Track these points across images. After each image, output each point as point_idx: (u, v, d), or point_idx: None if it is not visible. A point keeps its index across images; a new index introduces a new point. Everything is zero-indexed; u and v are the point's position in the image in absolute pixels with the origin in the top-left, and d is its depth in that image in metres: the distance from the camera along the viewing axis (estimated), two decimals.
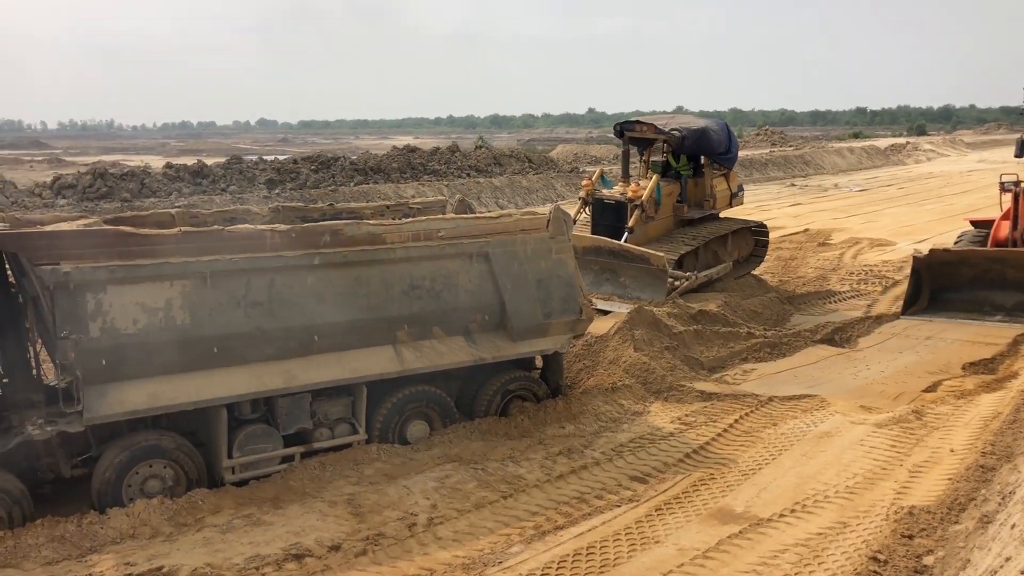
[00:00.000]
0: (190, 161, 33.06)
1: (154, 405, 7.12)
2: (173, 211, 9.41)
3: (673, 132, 15.76)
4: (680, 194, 16.37)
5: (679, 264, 14.91)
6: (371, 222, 8.43)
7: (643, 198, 15.10)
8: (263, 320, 7.62)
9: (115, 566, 6.16)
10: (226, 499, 7.28)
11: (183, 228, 7.57)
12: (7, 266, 7.51)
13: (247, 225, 8.17)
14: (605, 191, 16.12)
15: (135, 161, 44.58)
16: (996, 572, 4.66)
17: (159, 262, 7.11)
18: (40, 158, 61.32)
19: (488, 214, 9.77)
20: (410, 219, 8.92)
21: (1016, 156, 15.99)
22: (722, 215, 17.34)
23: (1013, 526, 5.58)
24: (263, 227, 7.78)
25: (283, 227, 7.80)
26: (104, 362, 6.91)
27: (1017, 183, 14.57)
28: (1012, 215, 14.61)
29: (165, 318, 7.16)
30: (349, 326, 8.09)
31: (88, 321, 6.83)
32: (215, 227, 7.83)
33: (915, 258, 14.72)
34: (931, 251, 14.69)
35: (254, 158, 35.47)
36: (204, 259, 7.30)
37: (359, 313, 8.14)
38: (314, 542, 6.58)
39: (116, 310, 6.95)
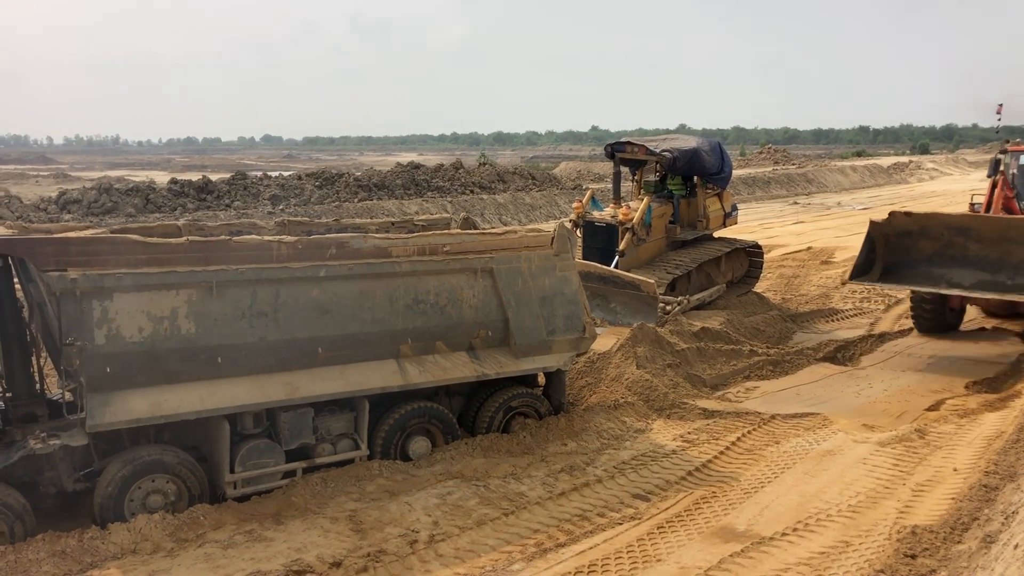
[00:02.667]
0: (195, 177, 33.22)
1: (157, 414, 7.12)
2: (180, 223, 9.46)
3: (664, 153, 15.72)
4: (673, 215, 16.33)
5: (672, 286, 14.87)
6: (377, 235, 8.47)
7: (634, 221, 15.08)
8: (268, 331, 7.64)
9: None
10: (228, 514, 7.27)
11: (190, 237, 7.61)
12: (14, 273, 7.53)
13: (254, 236, 8.21)
14: (596, 213, 16.08)
15: (140, 176, 44.76)
16: None
17: (166, 271, 7.15)
18: (46, 173, 61.67)
19: (493, 230, 9.81)
20: (416, 233, 8.97)
21: (989, 176, 15.01)
22: (716, 235, 17.31)
23: (1016, 546, 5.56)
24: (270, 238, 7.82)
25: (290, 238, 7.84)
26: (108, 369, 6.93)
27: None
28: (986, 203, 14.28)
29: (170, 327, 7.18)
30: (353, 339, 8.11)
31: (94, 328, 6.85)
32: (222, 237, 7.87)
33: (872, 223, 13.38)
34: (891, 215, 13.30)
35: (259, 174, 35.70)
36: (210, 268, 7.34)
37: (363, 326, 8.17)
38: (315, 558, 6.57)
39: (122, 318, 6.97)
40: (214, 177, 33.17)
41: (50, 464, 7.18)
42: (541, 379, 10.01)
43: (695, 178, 16.68)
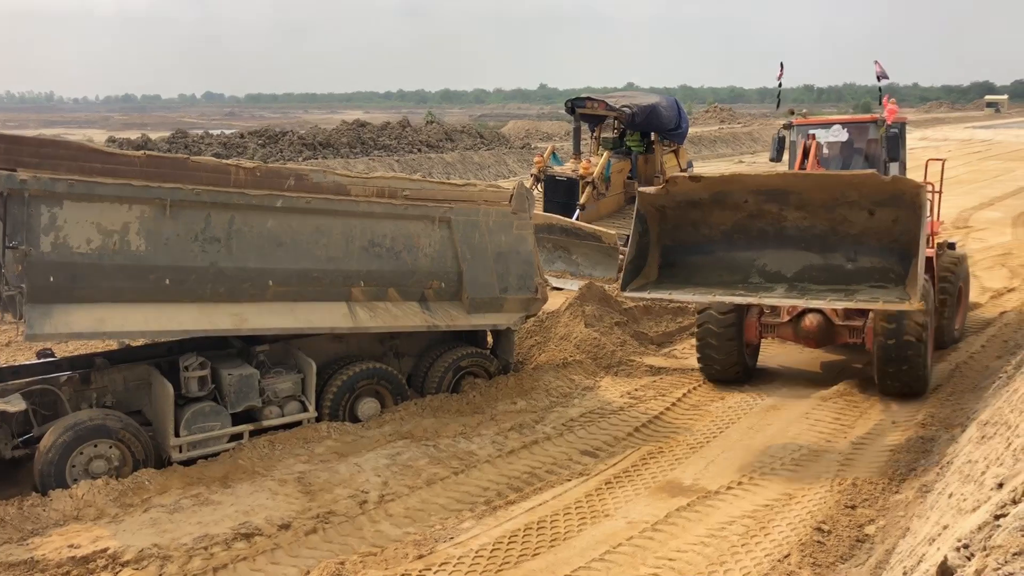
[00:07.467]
0: (134, 135, 32.36)
1: (99, 330, 6.99)
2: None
3: (624, 109, 15.98)
4: (631, 170, 16.57)
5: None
6: (338, 172, 8.37)
7: (594, 175, 15.29)
8: (219, 258, 7.50)
9: (58, 549, 6.04)
10: (173, 479, 7.17)
11: (148, 152, 7.44)
12: None
13: (212, 158, 8.06)
14: (556, 168, 16.32)
15: (77, 135, 43.40)
16: (934, 540, 4.78)
17: (120, 183, 6.96)
18: None
19: (453, 182, 9.75)
20: (376, 175, 8.90)
21: (772, 160, 11.17)
22: None
23: (951, 495, 5.72)
24: (229, 162, 7.68)
25: (249, 163, 7.71)
26: (52, 279, 6.73)
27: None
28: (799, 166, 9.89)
29: (120, 242, 7.01)
30: (305, 275, 8.02)
31: (40, 234, 6.65)
32: (181, 155, 7.70)
33: (641, 194, 8.76)
34: (670, 180, 8.79)
35: (200, 132, 34.81)
36: (166, 186, 7.16)
37: (316, 263, 8.07)
38: (264, 521, 6.53)
39: (70, 227, 6.78)
40: (154, 135, 32.36)
41: None
42: (490, 339, 10.02)
43: (652, 135, 16.90)
